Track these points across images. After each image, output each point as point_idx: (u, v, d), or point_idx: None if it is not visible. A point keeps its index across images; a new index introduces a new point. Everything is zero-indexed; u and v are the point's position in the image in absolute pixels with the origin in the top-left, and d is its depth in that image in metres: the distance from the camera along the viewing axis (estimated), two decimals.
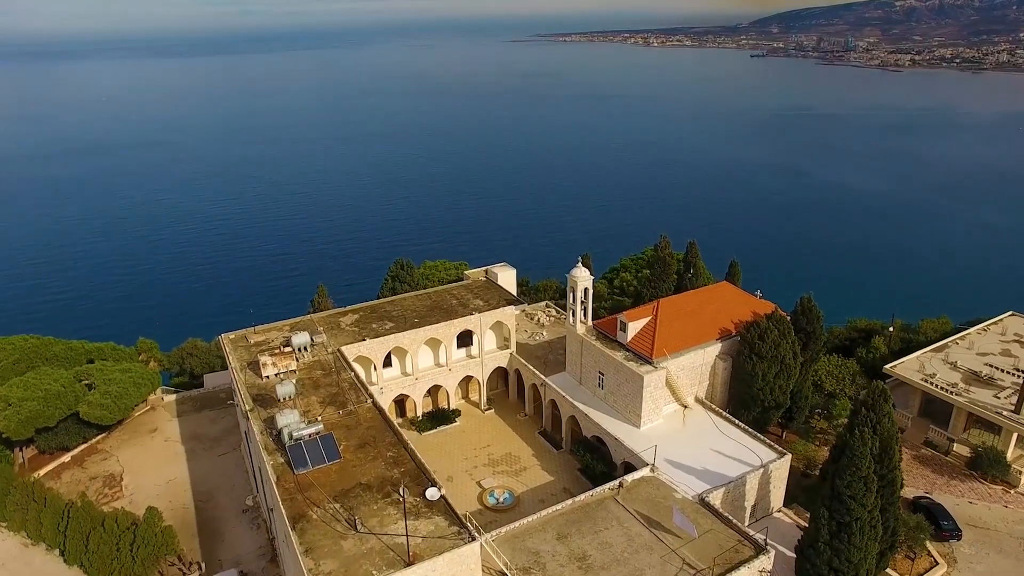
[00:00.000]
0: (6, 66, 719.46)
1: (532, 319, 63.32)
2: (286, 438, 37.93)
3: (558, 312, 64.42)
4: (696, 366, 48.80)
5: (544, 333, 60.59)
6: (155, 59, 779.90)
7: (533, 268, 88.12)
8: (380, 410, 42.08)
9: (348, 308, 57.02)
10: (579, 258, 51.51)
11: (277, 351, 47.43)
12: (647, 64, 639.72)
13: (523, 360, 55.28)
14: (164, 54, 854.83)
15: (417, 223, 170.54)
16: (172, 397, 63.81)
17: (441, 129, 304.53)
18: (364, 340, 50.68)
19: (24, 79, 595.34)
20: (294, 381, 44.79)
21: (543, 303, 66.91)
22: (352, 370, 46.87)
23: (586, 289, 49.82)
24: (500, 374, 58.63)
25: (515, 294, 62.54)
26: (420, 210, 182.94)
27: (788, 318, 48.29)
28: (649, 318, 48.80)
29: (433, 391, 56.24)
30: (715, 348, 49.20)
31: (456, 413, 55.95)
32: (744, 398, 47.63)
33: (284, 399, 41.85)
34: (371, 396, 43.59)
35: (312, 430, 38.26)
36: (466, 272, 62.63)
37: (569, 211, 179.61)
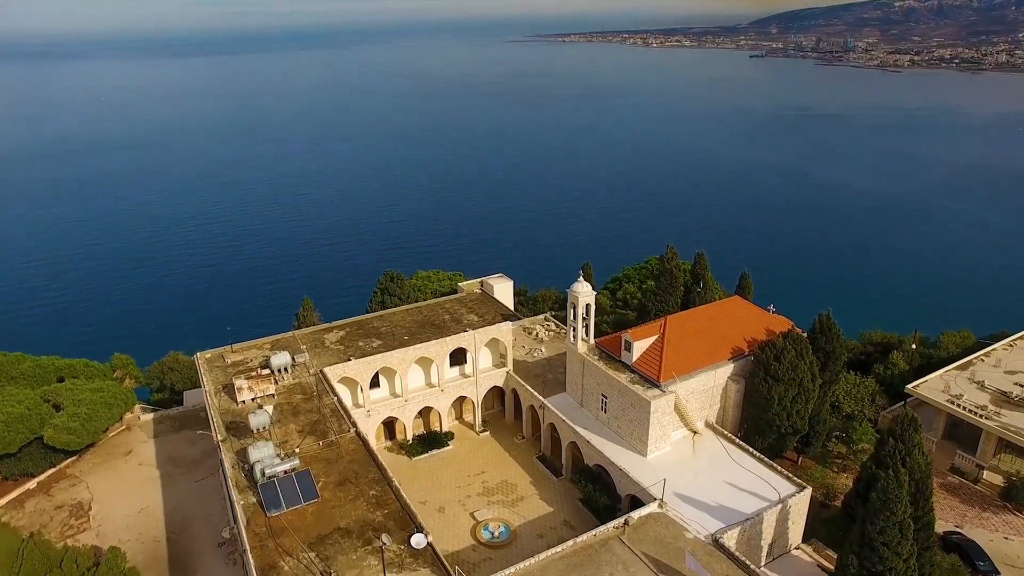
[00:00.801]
0: (3, 66, 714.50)
1: (530, 334, 59.86)
2: (258, 475, 34.44)
3: (558, 326, 60.93)
4: (707, 389, 45.35)
5: (543, 349, 57.11)
6: (153, 60, 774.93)
7: (531, 277, 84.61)
8: (364, 441, 38.59)
9: (334, 324, 53.54)
10: (580, 271, 48.05)
11: (254, 374, 43.90)
12: (646, 64, 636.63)
13: (520, 380, 51.81)
14: (162, 54, 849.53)
15: (411, 230, 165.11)
16: (150, 416, 60.24)
17: (435, 132, 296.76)
18: (349, 360, 47.19)
19: (22, 79, 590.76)
20: (270, 409, 41.30)
21: (542, 316, 63.41)
22: (335, 394, 43.37)
23: (588, 305, 46.36)
24: (496, 393, 55.19)
25: (512, 307, 59.13)
26: (414, 216, 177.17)
27: (805, 336, 44.84)
28: (656, 337, 45.34)
29: (424, 412, 52.76)
30: (727, 369, 45.76)
31: (449, 436, 52.45)
32: (759, 423, 44.19)
33: (258, 430, 38.30)
34: (354, 425, 40.10)
35: (287, 466, 34.78)
36: (460, 284, 59.17)
37: (569, 216, 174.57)
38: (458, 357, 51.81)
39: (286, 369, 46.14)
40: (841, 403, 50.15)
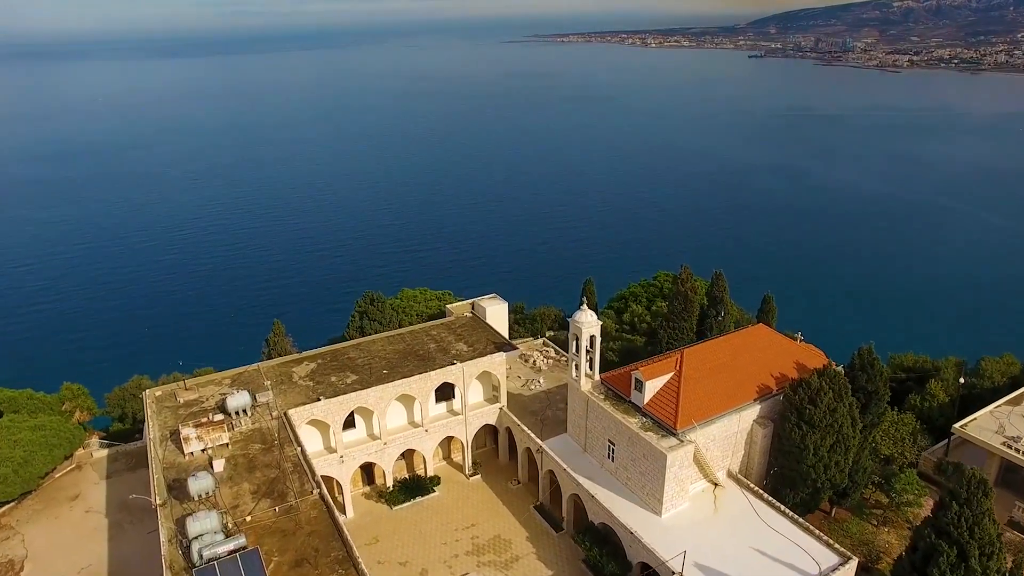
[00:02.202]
0: (1, 66, 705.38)
1: (527, 362, 53.85)
2: (196, 556, 28.38)
3: (558, 353, 54.90)
4: (730, 434, 39.41)
5: (541, 381, 51.10)
6: (151, 60, 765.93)
7: (529, 293, 78.64)
8: (328, 507, 32.52)
9: (304, 354, 47.46)
10: (582, 298, 41.96)
11: (204, 420, 37.78)
12: (645, 65, 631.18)
13: (515, 418, 45.82)
14: (161, 54, 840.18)
15: (398, 243, 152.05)
16: (104, 453, 54.01)
17: (427, 136, 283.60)
18: (318, 400, 41.13)
19: (19, 79, 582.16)
20: (222, 464, 35.21)
21: (540, 340, 57.35)
22: (299, 444, 37.31)
23: (593, 337, 40.38)
24: (489, 429, 49.19)
25: (507, 331, 53.22)
26: (401, 228, 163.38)
27: (843, 373, 38.91)
28: (671, 374, 39.38)
29: (408, 453, 46.73)
30: (753, 411, 39.83)
31: (435, 481, 46.41)
32: (790, 475, 38.26)
33: (199, 496, 32.16)
34: (318, 485, 34.04)
35: (231, 545, 28.71)
36: (449, 307, 53.12)
37: (569, 227, 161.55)
38: (445, 391, 45.84)
39: (245, 411, 40.08)
40: (879, 444, 44.24)
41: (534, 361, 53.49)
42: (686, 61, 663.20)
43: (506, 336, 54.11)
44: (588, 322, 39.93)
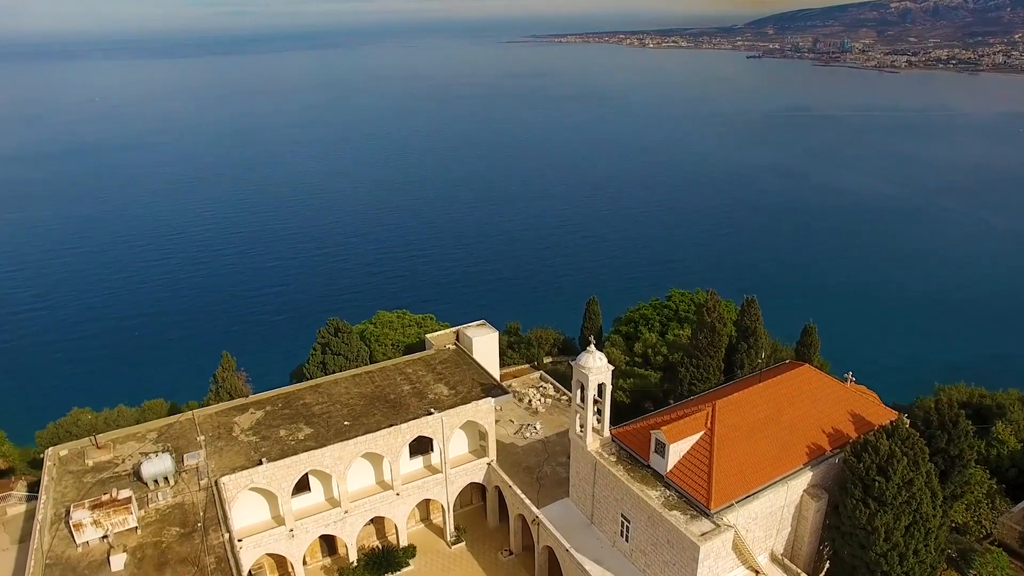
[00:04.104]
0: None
1: (521, 401, 45.74)
2: None
3: (557, 390, 46.81)
4: (775, 509, 31.41)
5: (538, 427, 42.98)
6: (148, 60, 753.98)
7: (525, 312, 70.41)
8: None
9: (251, 399, 39.28)
10: (590, 338, 34.02)
11: (106, 497, 29.55)
12: (643, 65, 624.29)
13: (506, 476, 37.72)
14: (157, 55, 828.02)
15: (376, 257, 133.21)
16: (21, 509, 45.65)
17: (416, 138, 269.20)
18: (260, 464, 32.97)
19: (16, 80, 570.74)
20: (123, 560, 27.02)
21: (537, 374, 49.21)
22: (227, 530, 29.15)
23: (602, 386, 32.35)
24: (476, 485, 41.13)
25: (497, 365, 45.25)
26: (381, 240, 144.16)
27: (916, 434, 30.93)
28: (701, 433, 31.37)
29: (377, 519, 38.60)
30: (803, 479, 31.83)
31: (409, 552, 38.29)
32: (853, 564, 30.25)
33: None
34: None
35: None
36: (429, 337, 45.00)
37: (568, 237, 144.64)
38: (423, 443, 37.77)
39: (166, 479, 31.93)
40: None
41: (529, 401, 45.37)
42: (684, 62, 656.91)
43: (496, 370, 46.14)
44: (596, 367, 31.89)
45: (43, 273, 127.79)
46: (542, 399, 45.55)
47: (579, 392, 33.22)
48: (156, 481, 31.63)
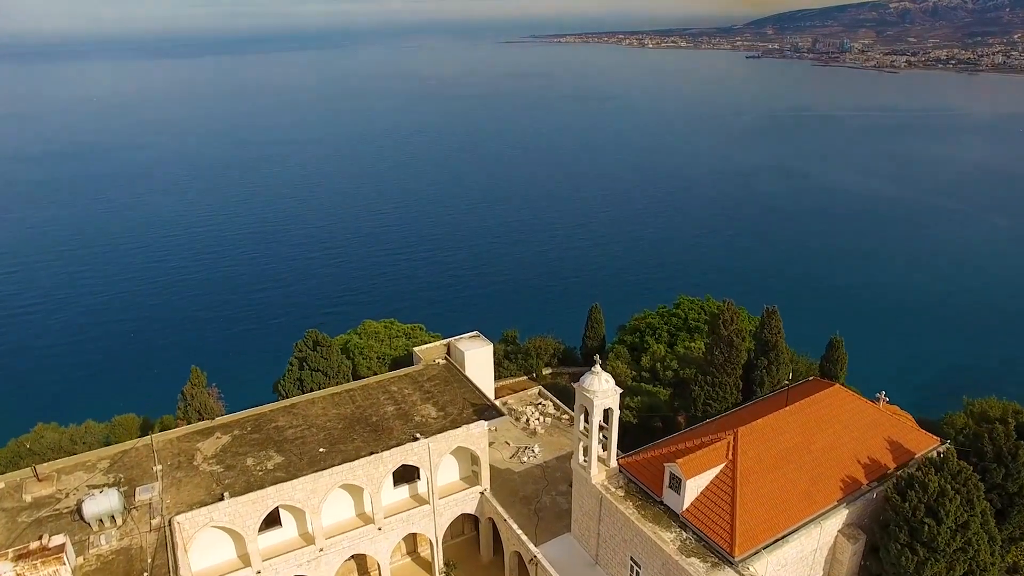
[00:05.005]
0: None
1: (518, 420, 41.90)
2: None
3: (557, 408, 42.96)
4: (806, 553, 27.61)
5: (536, 450, 39.13)
6: (145, 60, 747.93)
7: (522, 319, 66.41)
8: None
9: (218, 421, 35.36)
10: (595, 357, 30.17)
11: (35, 547, 25.60)
12: (643, 65, 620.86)
13: (500, 508, 33.87)
14: (155, 55, 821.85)
15: (365, 261, 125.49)
16: None
17: (411, 138, 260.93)
18: (222, 499, 29.11)
19: (14, 79, 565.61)
20: None
21: (535, 389, 45.37)
22: None
23: (609, 411, 28.56)
24: (468, 515, 37.28)
25: (492, 380, 41.45)
26: (370, 243, 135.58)
27: (969, 467, 27.14)
28: (721, 466, 27.60)
29: (358, 556, 34.74)
30: (837, 518, 28.06)
31: None
32: None
33: None
34: None
35: None
36: (417, 351, 41.13)
37: (569, 240, 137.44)
38: (408, 471, 33.94)
39: (112, 519, 28.03)
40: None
41: (527, 420, 41.51)
42: (684, 62, 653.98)
43: (491, 385, 42.33)
44: (602, 390, 28.08)
45: (9, 280, 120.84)
46: (541, 418, 41.70)
47: (583, 417, 29.42)
48: (101, 521, 27.75)
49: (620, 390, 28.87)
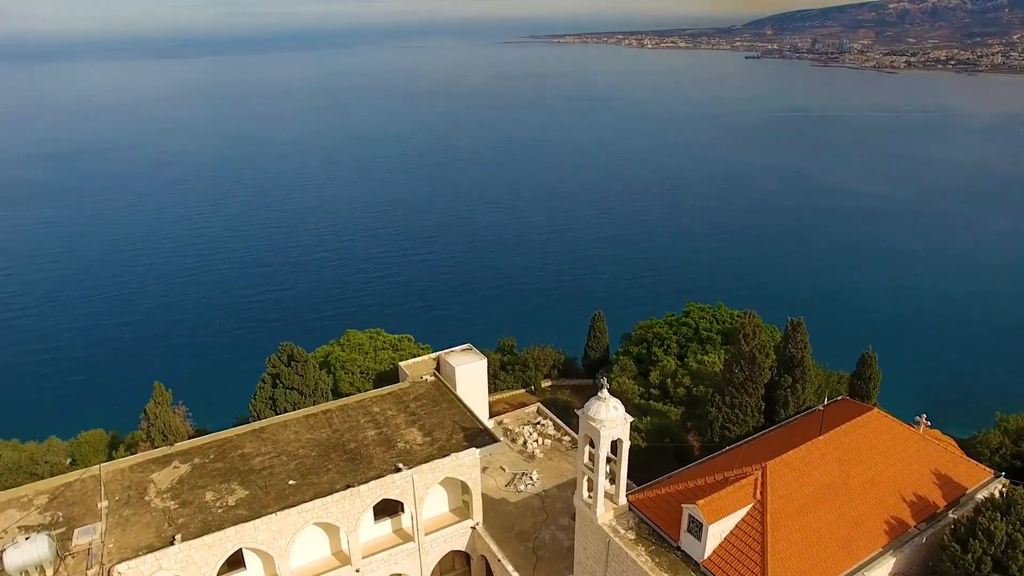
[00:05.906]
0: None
1: (515, 442, 38.10)
2: None
3: (557, 428, 39.18)
4: None
5: (534, 476, 35.33)
6: (144, 60, 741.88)
7: (520, 327, 62.52)
8: None
9: (177, 447, 31.52)
10: (602, 378, 26.43)
11: None
12: (642, 65, 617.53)
13: (495, 547, 30.11)
14: (153, 55, 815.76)
15: (352, 265, 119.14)
16: None
17: (406, 137, 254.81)
18: (173, 543, 25.30)
19: (12, 80, 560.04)
20: None
21: (533, 407, 41.56)
22: None
23: (618, 443, 24.82)
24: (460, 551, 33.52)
25: (486, 397, 37.70)
26: (358, 247, 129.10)
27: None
28: (749, 507, 23.86)
29: None
30: (883, 568, 24.29)
31: None
32: None
33: None
34: None
35: None
36: (403, 365, 37.35)
37: (569, 241, 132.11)
38: (391, 504, 30.20)
39: (41, 569, 24.20)
40: None
41: (524, 442, 37.72)
42: (683, 62, 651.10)
43: (485, 403, 38.61)
44: (611, 419, 24.31)
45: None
46: (540, 440, 37.90)
47: (587, 449, 25.66)
48: (27, 573, 23.94)
49: (631, 418, 25.13)
